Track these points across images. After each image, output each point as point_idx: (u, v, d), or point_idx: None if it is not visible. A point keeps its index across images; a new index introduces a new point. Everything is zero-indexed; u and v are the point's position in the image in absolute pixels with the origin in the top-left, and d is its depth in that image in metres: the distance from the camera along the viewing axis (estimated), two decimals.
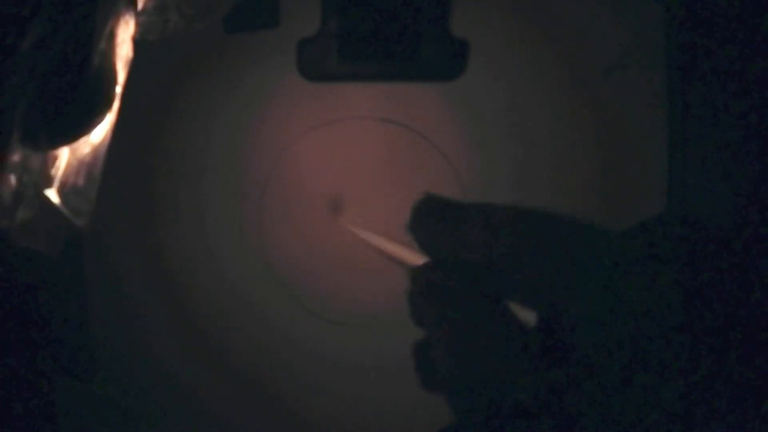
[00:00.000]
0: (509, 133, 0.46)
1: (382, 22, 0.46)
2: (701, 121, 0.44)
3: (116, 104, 0.40)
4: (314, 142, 0.48)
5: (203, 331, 0.47)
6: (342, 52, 0.47)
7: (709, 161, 0.44)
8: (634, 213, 0.45)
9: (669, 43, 0.45)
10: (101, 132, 0.40)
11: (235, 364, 0.47)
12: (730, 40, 0.44)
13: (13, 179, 0.38)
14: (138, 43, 0.40)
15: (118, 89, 0.40)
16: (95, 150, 0.40)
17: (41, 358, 0.47)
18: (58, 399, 0.48)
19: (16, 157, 0.38)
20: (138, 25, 0.40)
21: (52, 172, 0.39)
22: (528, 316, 0.26)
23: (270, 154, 0.48)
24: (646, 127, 0.45)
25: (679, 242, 0.24)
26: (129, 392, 0.48)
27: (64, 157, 0.40)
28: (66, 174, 0.40)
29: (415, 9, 0.46)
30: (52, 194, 0.40)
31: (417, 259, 0.34)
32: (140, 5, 0.40)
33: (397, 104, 0.47)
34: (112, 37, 0.37)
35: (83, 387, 0.48)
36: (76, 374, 0.48)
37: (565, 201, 0.45)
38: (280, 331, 0.47)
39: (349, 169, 0.47)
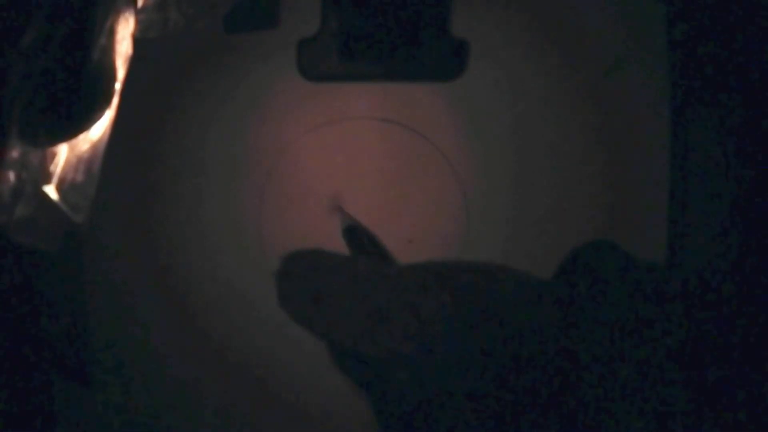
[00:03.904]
0: (509, 133, 0.46)
1: (382, 22, 0.46)
2: (703, 121, 0.44)
3: (115, 101, 0.40)
4: (314, 142, 0.47)
5: (203, 330, 0.47)
6: (342, 52, 0.47)
7: (711, 160, 0.43)
8: (634, 213, 0.45)
9: (670, 42, 0.45)
10: (100, 129, 0.40)
11: (234, 362, 0.47)
12: (731, 40, 0.44)
13: (12, 176, 0.38)
14: (138, 40, 0.41)
15: (118, 86, 0.40)
16: (94, 146, 0.40)
17: (40, 358, 0.47)
18: (58, 400, 0.48)
19: (15, 154, 0.38)
20: (138, 22, 0.40)
21: (51, 168, 0.39)
22: None
23: (270, 154, 0.48)
24: (646, 127, 0.45)
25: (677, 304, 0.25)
26: (128, 392, 0.48)
27: (62, 153, 0.40)
28: (65, 170, 0.40)
29: (415, 9, 0.46)
30: (51, 190, 0.40)
31: None
32: (140, 3, 0.40)
33: (397, 104, 0.47)
34: (111, 34, 0.38)
35: (83, 388, 0.48)
36: (75, 375, 0.48)
37: (564, 201, 0.45)
38: (279, 330, 0.47)
39: (349, 169, 0.47)
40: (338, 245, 0.46)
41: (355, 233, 0.43)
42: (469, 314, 0.25)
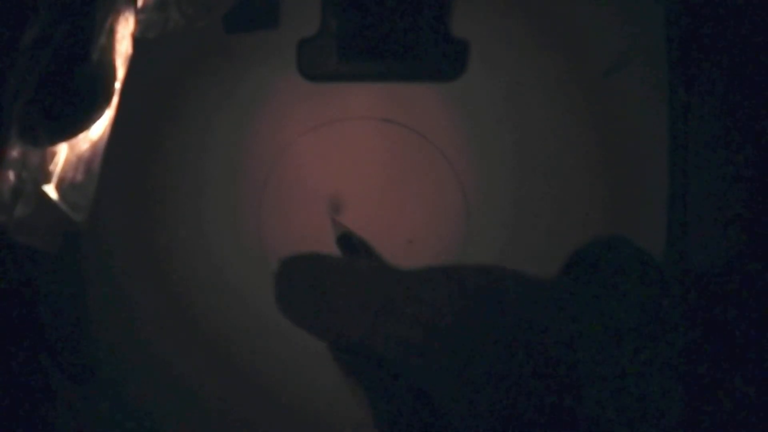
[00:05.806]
0: (509, 133, 0.46)
1: (382, 22, 0.46)
2: (702, 121, 0.44)
3: (115, 100, 0.40)
4: (314, 142, 0.47)
5: (203, 330, 0.47)
6: (342, 52, 0.47)
7: (711, 160, 0.44)
8: (634, 213, 0.45)
9: (669, 43, 0.45)
10: (100, 128, 0.40)
11: (235, 362, 0.47)
12: (731, 40, 0.44)
13: (11, 175, 0.38)
14: (138, 40, 0.41)
15: (117, 85, 0.40)
16: (94, 146, 0.40)
17: (40, 358, 0.47)
18: (58, 399, 0.48)
19: (15, 153, 0.38)
20: (138, 22, 0.40)
21: (51, 168, 0.39)
22: None
23: (270, 154, 0.48)
24: (646, 127, 0.45)
25: (677, 302, 0.25)
26: (129, 392, 0.48)
27: (62, 153, 0.40)
28: (65, 170, 0.40)
29: (415, 9, 0.46)
30: (51, 190, 0.40)
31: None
32: (140, 3, 0.40)
33: (397, 104, 0.47)
34: (111, 33, 0.38)
35: (83, 388, 0.48)
36: (75, 375, 0.48)
37: (564, 201, 0.45)
38: (280, 331, 0.47)
39: (349, 169, 0.47)
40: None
41: (349, 241, 0.43)
42: (475, 303, 0.25)
